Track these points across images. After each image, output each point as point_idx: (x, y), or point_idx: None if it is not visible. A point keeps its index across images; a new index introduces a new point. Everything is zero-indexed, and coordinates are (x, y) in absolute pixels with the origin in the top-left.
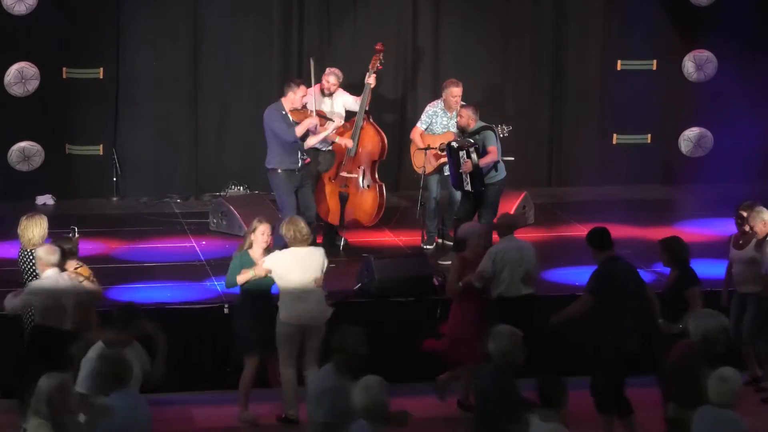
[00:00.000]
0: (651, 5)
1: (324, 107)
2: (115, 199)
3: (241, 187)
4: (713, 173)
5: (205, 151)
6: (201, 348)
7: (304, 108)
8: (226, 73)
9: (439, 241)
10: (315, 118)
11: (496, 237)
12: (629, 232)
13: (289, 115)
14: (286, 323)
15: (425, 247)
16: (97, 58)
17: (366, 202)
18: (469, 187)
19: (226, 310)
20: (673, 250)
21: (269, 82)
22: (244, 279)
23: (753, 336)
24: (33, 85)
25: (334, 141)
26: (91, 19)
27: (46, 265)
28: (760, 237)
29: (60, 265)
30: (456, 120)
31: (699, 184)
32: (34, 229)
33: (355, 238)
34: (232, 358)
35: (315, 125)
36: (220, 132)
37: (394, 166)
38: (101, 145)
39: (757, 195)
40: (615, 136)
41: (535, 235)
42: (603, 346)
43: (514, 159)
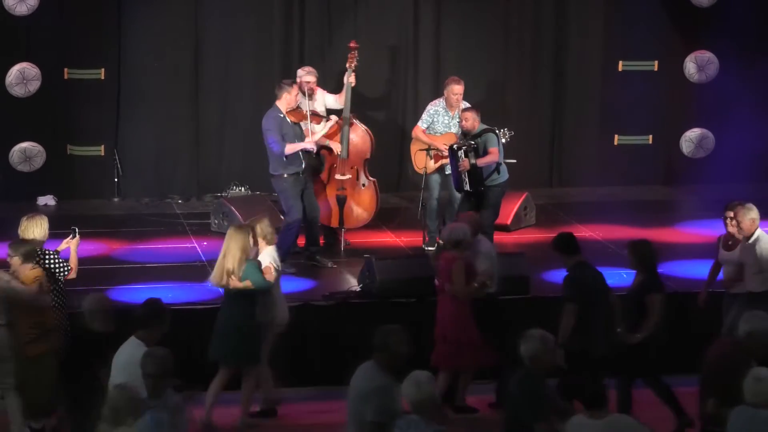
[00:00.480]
0: (652, 6)
1: (303, 107)
2: (116, 199)
3: (243, 188)
4: (714, 174)
5: (206, 151)
6: (202, 348)
7: (298, 108)
8: (227, 74)
9: (440, 241)
10: (311, 143)
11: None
12: (630, 233)
13: (287, 117)
14: (280, 324)
15: (426, 248)
16: (99, 58)
17: (364, 200)
18: (467, 187)
19: None
20: (641, 254)
21: (270, 83)
22: (274, 277)
23: None
24: (34, 85)
25: (324, 145)
26: (92, 20)
27: None
28: (746, 234)
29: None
30: (460, 122)
31: (700, 185)
32: (35, 230)
33: (356, 239)
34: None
35: (312, 148)
36: (221, 133)
37: (394, 167)
38: (102, 146)
39: (758, 196)
40: (616, 136)
41: (536, 235)
42: (573, 351)
43: (516, 161)
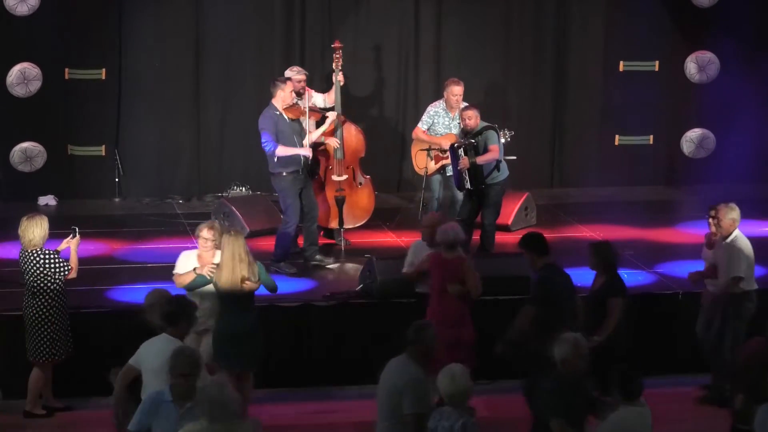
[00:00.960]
0: (653, 6)
1: (301, 104)
2: (117, 199)
3: (243, 188)
4: (715, 174)
5: (207, 151)
6: None
7: (296, 105)
8: (228, 74)
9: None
10: (307, 150)
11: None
12: (631, 233)
13: (284, 114)
14: None
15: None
16: (99, 58)
17: (362, 199)
18: (468, 185)
19: None
20: (602, 255)
21: (271, 83)
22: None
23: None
24: (35, 85)
25: (320, 143)
26: (93, 20)
27: None
28: (724, 234)
29: None
30: (461, 122)
31: (701, 185)
32: (35, 230)
33: (357, 238)
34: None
35: (306, 157)
36: (222, 133)
37: (394, 167)
38: (103, 146)
39: (758, 195)
40: (617, 137)
41: None
42: (541, 353)
43: (516, 158)
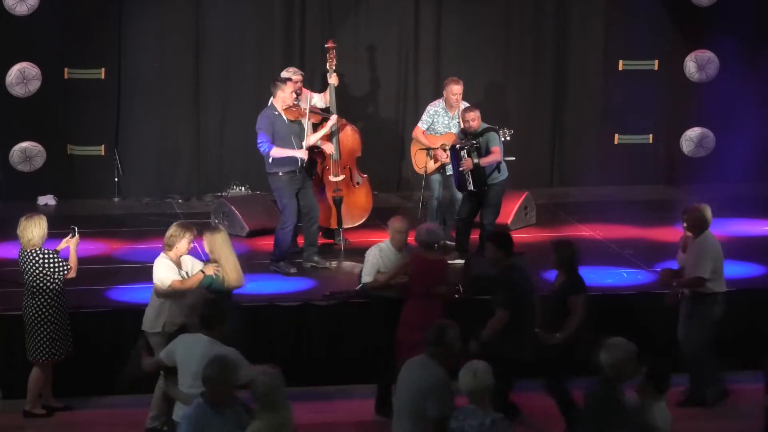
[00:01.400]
0: (653, 5)
1: (302, 105)
2: (116, 199)
3: (243, 188)
4: (715, 173)
5: (206, 151)
6: None
7: (296, 105)
8: (228, 74)
9: (441, 241)
10: (303, 152)
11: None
12: (631, 232)
13: (283, 114)
14: None
15: None
16: (99, 58)
17: (360, 198)
18: (471, 187)
19: None
20: (563, 254)
21: (270, 83)
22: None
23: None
24: (35, 85)
25: (316, 146)
26: (92, 20)
27: None
28: (695, 235)
29: None
30: (463, 123)
31: (701, 184)
32: (34, 230)
33: (356, 238)
34: None
35: (302, 159)
36: (221, 132)
37: (394, 167)
38: (103, 146)
39: (758, 195)
40: (617, 136)
41: (537, 235)
42: (503, 355)
43: (515, 159)
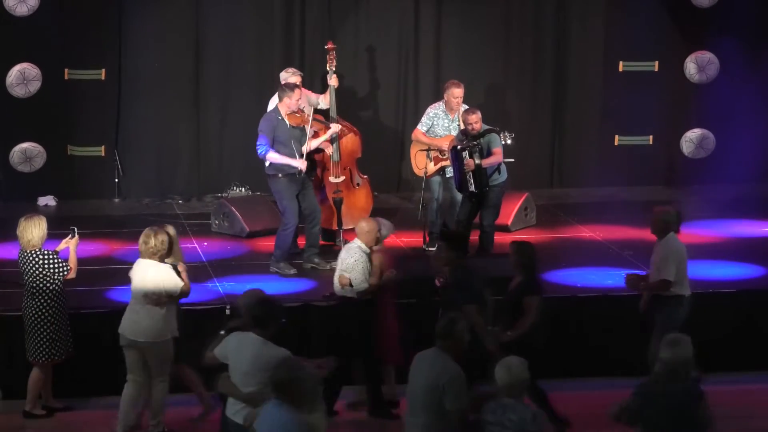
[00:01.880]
0: (653, 6)
1: (307, 111)
2: (116, 200)
3: (243, 189)
4: (715, 175)
5: (206, 152)
6: (202, 349)
7: (300, 111)
8: (228, 75)
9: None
10: (302, 162)
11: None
12: (631, 233)
13: (286, 119)
14: (120, 335)
15: (427, 248)
16: (99, 59)
17: (360, 199)
18: (472, 188)
19: (227, 311)
20: (522, 255)
21: (271, 84)
22: None
23: None
24: (35, 86)
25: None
26: (92, 20)
27: None
28: (659, 237)
29: None
30: (466, 126)
31: (701, 186)
32: (33, 230)
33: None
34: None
35: (302, 168)
36: (221, 133)
37: (394, 168)
38: (103, 146)
39: (758, 196)
40: (617, 137)
41: (537, 236)
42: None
43: (514, 161)
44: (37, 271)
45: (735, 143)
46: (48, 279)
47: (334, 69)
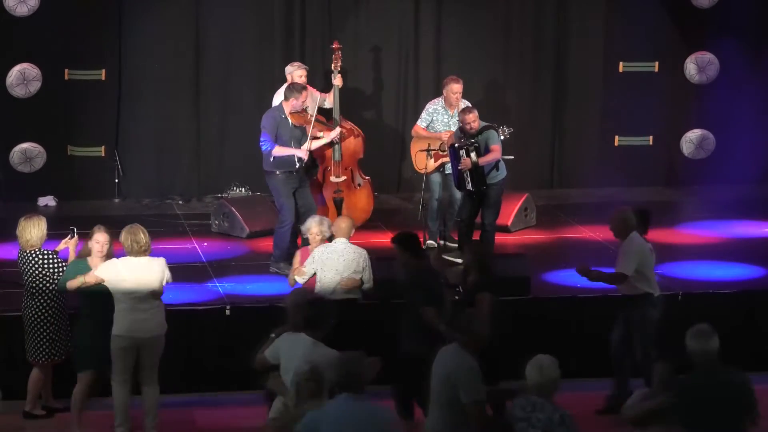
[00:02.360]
0: (653, 7)
1: (310, 111)
2: (117, 200)
3: (243, 189)
4: (715, 175)
5: (207, 152)
6: (203, 349)
7: (304, 111)
8: (228, 75)
9: (441, 242)
10: (304, 152)
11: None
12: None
13: (289, 118)
14: (116, 336)
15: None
16: (99, 59)
17: (361, 200)
18: (470, 186)
19: (227, 312)
20: (479, 255)
21: (271, 84)
22: (75, 285)
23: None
24: (35, 86)
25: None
26: (93, 21)
27: None
28: (620, 239)
29: None
30: (464, 125)
31: (701, 186)
32: (32, 230)
33: (356, 239)
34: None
35: (301, 157)
36: (222, 133)
37: (394, 168)
38: (103, 147)
39: (758, 197)
40: (617, 137)
41: (537, 236)
42: (411, 354)
43: (513, 158)
44: (36, 272)
45: (735, 144)
46: (47, 279)
47: (339, 69)
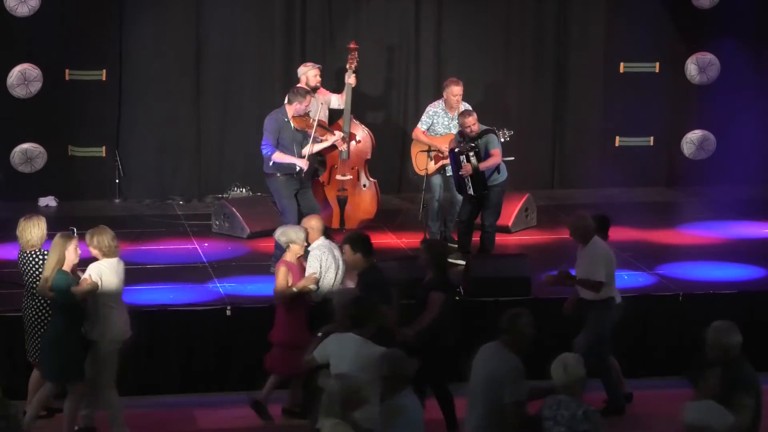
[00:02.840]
0: (654, 7)
1: (313, 106)
2: (117, 200)
3: (244, 189)
4: (716, 176)
5: (207, 153)
6: (203, 350)
7: (306, 115)
8: (228, 75)
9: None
10: (304, 161)
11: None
12: (631, 234)
13: (292, 122)
14: (111, 340)
15: None
16: (100, 59)
17: (365, 201)
18: (470, 191)
19: (228, 312)
20: (433, 253)
21: (271, 84)
22: (83, 290)
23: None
24: (36, 86)
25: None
26: (93, 21)
27: None
28: (582, 243)
29: None
30: (465, 129)
31: (701, 187)
32: (32, 231)
33: None
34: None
35: (302, 167)
36: (222, 134)
37: (395, 168)
38: (104, 147)
39: (759, 197)
40: (617, 138)
41: (538, 237)
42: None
43: (514, 159)
44: (36, 272)
45: (736, 144)
46: None
47: (354, 69)
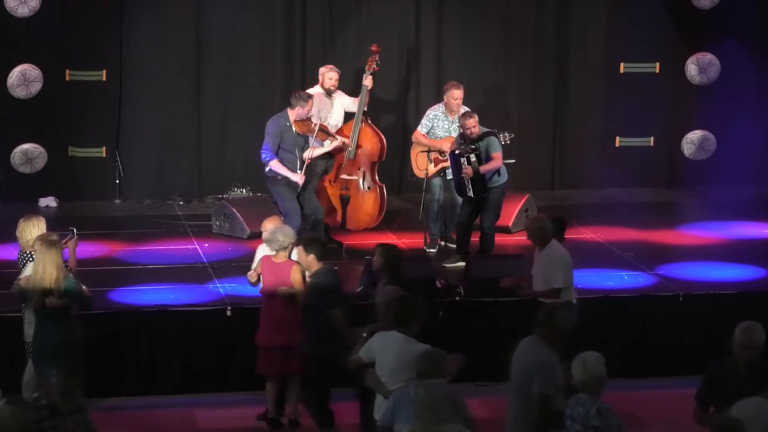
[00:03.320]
0: (654, 8)
1: (324, 108)
2: (117, 201)
3: (244, 190)
4: (716, 176)
5: (207, 153)
6: (203, 350)
7: (308, 119)
8: (229, 75)
9: (442, 243)
10: (300, 176)
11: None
12: (632, 235)
13: (293, 126)
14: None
15: (428, 250)
16: (100, 60)
17: (367, 203)
18: (471, 193)
19: (228, 313)
20: (387, 257)
21: (272, 85)
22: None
23: None
24: (36, 87)
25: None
26: (93, 21)
27: None
28: (539, 246)
29: None
30: (464, 131)
31: (702, 187)
32: (32, 231)
33: (357, 240)
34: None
35: (299, 181)
36: (222, 134)
37: (396, 170)
38: (104, 147)
39: (759, 198)
40: (618, 138)
41: None
42: (316, 358)
43: (515, 161)
44: None
45: (736, 145)
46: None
47: (371, 71)
